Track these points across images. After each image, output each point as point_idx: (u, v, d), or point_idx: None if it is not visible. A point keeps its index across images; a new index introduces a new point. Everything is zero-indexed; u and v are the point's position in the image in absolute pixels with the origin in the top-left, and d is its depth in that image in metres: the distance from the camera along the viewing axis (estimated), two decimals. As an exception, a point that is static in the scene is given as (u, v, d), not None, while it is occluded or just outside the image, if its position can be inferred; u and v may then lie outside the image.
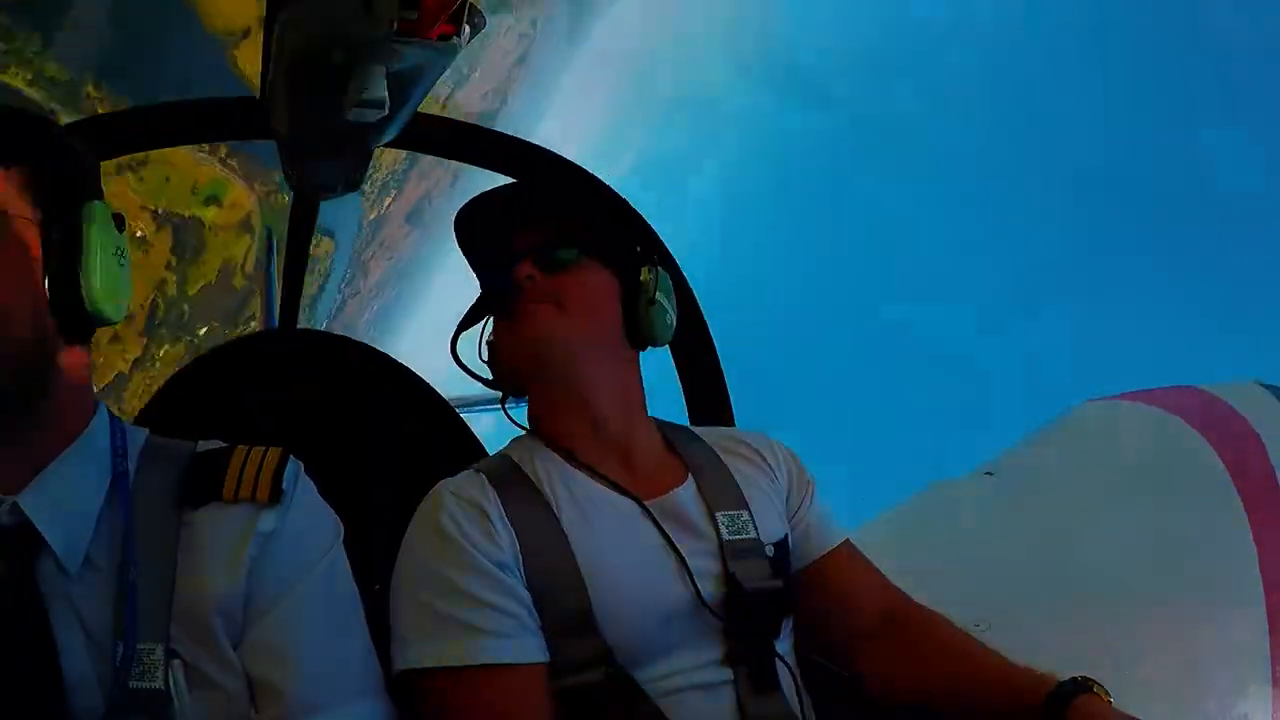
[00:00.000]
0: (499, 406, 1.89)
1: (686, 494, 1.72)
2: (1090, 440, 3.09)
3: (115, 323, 1.31)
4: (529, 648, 1.48)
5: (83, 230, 1.25)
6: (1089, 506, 2.74)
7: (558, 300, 1.73)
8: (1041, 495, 2.86)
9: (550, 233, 1.80)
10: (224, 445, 1.42)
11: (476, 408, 3.43)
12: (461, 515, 1.56)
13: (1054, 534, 2.63)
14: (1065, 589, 2.42)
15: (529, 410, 1.83)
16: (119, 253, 1.31)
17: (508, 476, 1.67)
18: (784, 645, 1.70)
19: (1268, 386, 3.07)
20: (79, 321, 1.27)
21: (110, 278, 1.28)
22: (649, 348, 1.88)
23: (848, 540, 1.88)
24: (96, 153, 1.41)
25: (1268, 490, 2.60)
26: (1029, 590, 2.44)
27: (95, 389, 1.41)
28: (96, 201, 1.28)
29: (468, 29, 1.24)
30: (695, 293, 2.59)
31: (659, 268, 1.86)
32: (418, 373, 3.26)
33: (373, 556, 1.65)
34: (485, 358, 1.85)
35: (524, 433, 1.81)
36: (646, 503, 1.67)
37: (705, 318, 2.69)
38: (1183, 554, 2.46)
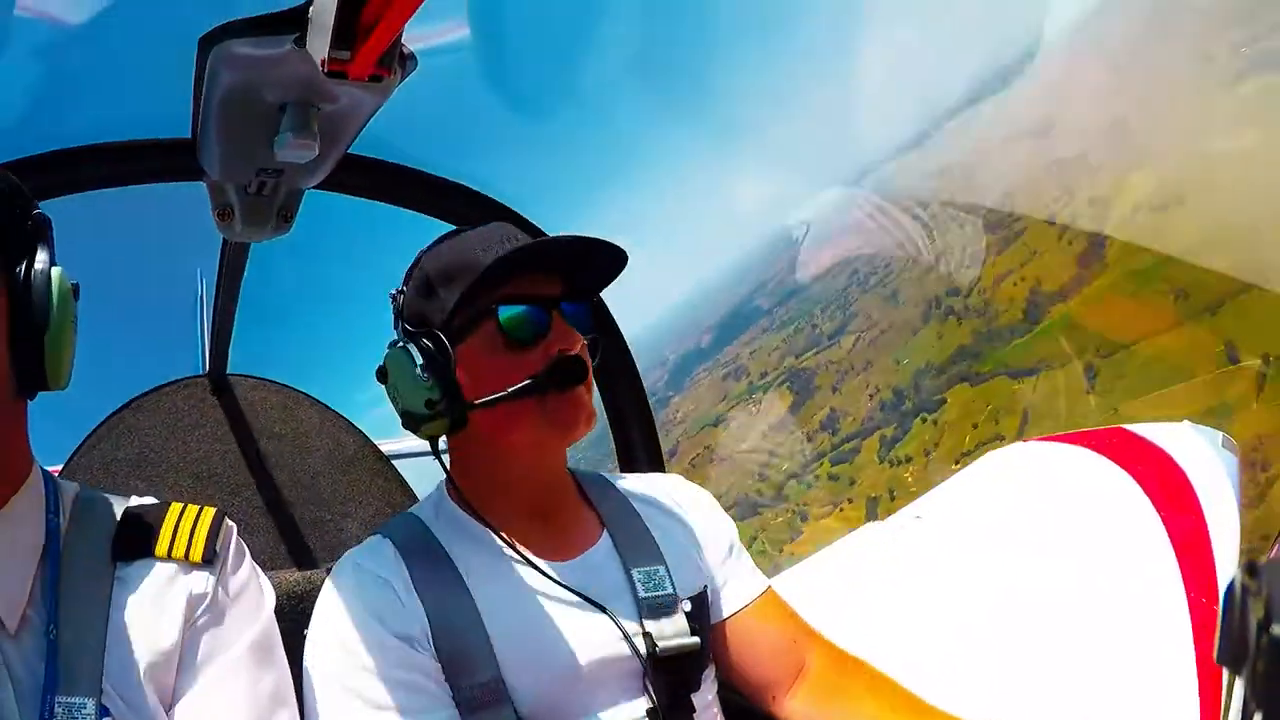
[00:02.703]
0: (428, 453, 1.79)
1: (602, 551, 1.72)
2: (1017, 482, 3.12)
3: (63, 389, 1.33)
4: None
5: (51, 303, 1.26)
6: (1016, 551, 2.76)
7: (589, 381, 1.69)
8: (969, 540, 2.88)
9: (591, 303, 1.75)
10: (157, 502, 1.42)
11: (402, 455, 3.43)
12: (368, 589, 1.55)
13: (981, 580, 2.65)
14: (992, 635, 2.44)
15: (453, 465, 1.78)
16: (75, 323, 1.32)
17: (417, 544, 1.65)
18: (704, 697, 1.69)
19: (1197, 427, 3.13)
20: (35, 387, 1.28)
21: (69, 348, 1.30)
22: None
23: (769, 589, 1.88)
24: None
25: (1196, 531, 2.63)
26: (956, 637, 2.45)
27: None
28: (59, 269, 1.29)
29: (400, 70, 1.24)
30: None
31: None
32: (346, 416, 3.25)
33: (299, 598, 1.63)
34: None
35: (440, 485, 1.77)
36: (562, 562, 1.67)
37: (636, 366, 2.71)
38: (1111, 597, 2.48)
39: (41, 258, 1.28)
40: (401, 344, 1.69)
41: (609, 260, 1.70)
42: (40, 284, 1.27)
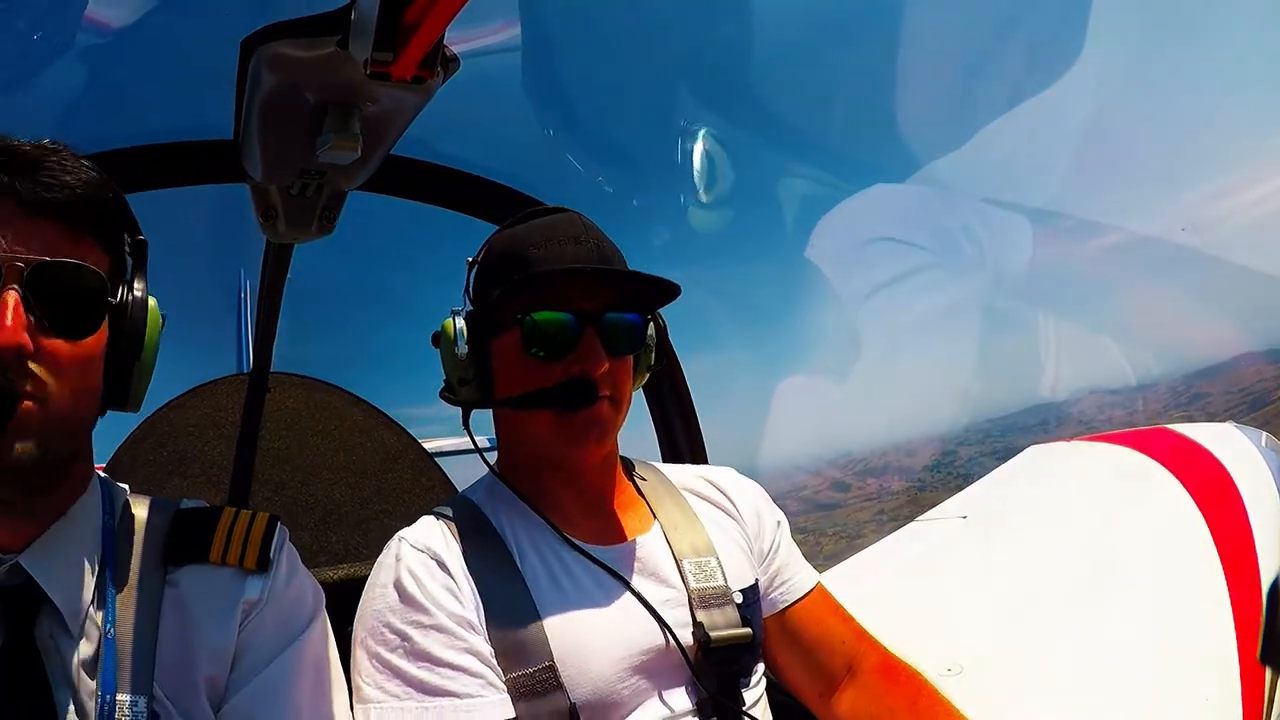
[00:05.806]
0: (471, 450, 1.74)
1: (652, 541, 1.69)
2: (1061, 482, 3.10)
3: (135, 413, 1.38)
4: (495, 705, 1.44)
5: (146, 333, 1.30)
6: (1060, 548, 2.74)
7: (613, 397, 1.63)
8: (1016, 537, 2.87)
9: (625, 309, 1.64)
10: (209, 505, 1.42)
11: (446, 453, 3.44)
12: (420, 568, 1.52)
13: (1027, 577, 2.63)
14: (1038, 634, 2.42)
15: (500, 453, 1.76)
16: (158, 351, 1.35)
17: (470, 524, 1.62)
18: (754, 691, 1.67)
19: (1241, 427, 3.11)
20: (115, 407, 1.33)
21: (150, 376, 1.34)
22: None
23: (819, 585, 1.85)
24: None
25: (1239, 530, 2.61)
26: (1002, 634, 2.43)
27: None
28: (154, 300, 1.33)
29: (442, 71, 1.24)
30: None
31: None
32: (387, 413, 3.26)
33: (345, 596, 1.63)
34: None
35: (489, 472, 1.74)
36: (611, 549, 1.64)
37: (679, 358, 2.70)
38: (1154, 596, 2.46)
39: (139, 285, 1.31)
40: (457, 315, 1.67)
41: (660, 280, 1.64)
42: (138, 313, 1.29)
